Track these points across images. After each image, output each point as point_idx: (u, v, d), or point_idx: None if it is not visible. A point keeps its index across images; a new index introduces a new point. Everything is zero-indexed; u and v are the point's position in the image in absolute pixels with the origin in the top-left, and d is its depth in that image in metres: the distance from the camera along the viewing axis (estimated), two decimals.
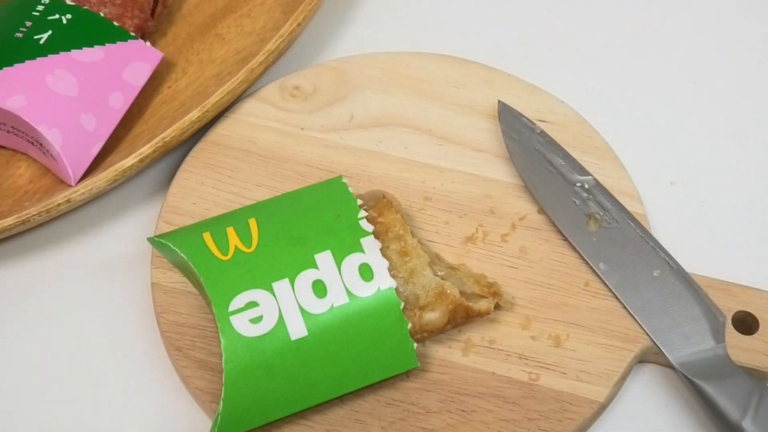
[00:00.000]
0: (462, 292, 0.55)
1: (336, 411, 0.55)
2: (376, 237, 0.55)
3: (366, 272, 0.53)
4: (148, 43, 0.64)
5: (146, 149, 0.60)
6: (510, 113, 0.62)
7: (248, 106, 0.64)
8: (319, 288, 0.53)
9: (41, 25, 0.62)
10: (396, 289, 0.53)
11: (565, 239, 0.59)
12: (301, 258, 0.54)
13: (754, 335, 0.56)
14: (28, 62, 0.61)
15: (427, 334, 0.55)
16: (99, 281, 0.60)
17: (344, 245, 0.54)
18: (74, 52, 0.62)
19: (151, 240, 0.56)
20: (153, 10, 0.66)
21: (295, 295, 0.53)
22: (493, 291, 0.56)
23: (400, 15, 0.71)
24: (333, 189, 0.57)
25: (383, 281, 0.53)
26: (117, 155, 0.62)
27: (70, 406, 0.57)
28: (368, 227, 0.55)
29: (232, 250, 0.54)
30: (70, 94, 0.61)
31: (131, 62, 0.63)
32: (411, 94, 0.65)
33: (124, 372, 0.57)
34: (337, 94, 0.65)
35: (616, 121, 0.65)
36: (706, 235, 0.62)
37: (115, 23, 0.63)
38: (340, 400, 0.54)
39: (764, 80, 0.68)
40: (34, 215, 0.58)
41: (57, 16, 0.63)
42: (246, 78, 0.62)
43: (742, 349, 0.56)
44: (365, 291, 0.53)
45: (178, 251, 0.54)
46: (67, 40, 0.62)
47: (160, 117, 0.64)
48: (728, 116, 0.67)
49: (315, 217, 0.55)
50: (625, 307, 0.57)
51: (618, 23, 0.71)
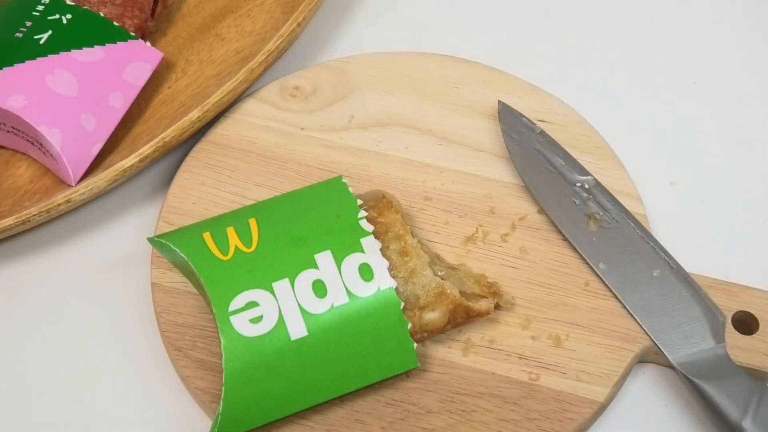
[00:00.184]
0: (462, 292, 0.55)
1: (336, 411, 0.55)
2: (376, 237, 0.55)
3: (366, 272, 0.53)
4: (148, 43, 0.64)
5: (146, 149, 0.60)
6: (510, 113, 0.62)
7: (248, 106, 0.64)
8: (319, 288, 0.53)
9: (41, 25, 0.62)
10: (396, 289, 0.53)
11: (565, 239, 0.59)
12: (301, 258, 0.54)
13: (754, 335, 0.56)
14: (28, 62, 0.61)
15: (427, 334, 0.55)
16: (99, 281, 0.60)
17: (344, 245, 0.54)
18: (74, 52, 0.62)
19: (151, 240, 0.56)
20: (153, 10, 0.66)
21: (295, 295, 0.53)
22: (493, 291, 0.56)
23: (400, 15, 0.71)
24: (333, 189, 0.57)
25: (383, 281, 0.53)
26: (117, 155, 0.62)
27: (70, 406, 0.57)
28: (368, 227, 0.55)
29: (232, 250, 0.54)
30: (70, 94, 0.61)
31: (131, 62, 0.63)
32: (411, 94, 0.65)
33: (124, 372, 0.57)
34: (337, 94, 0.65)
35: (616, 121, 0.65)
36: (706, 235, 0.62)
37: (115, 23, 0.63)
38: (340, 400, 0.54)
39: (764, 80, 0.68)
40: (34, 215, 0.58)
41: (57, 16, 0.63)
42: (246, 78, 0.62)
43: (742, 349, 0.56)
44: (365, 291, 0.53)
45: (178, 251, 0.54)
46: (67, 40, 0.62)
47: (160, 117, 0.64)
48: (728, 116, 0.67)
49: (315, 217, 0.55)
50: (625, 307, 0.57)
51: (618, 23, 0.71)
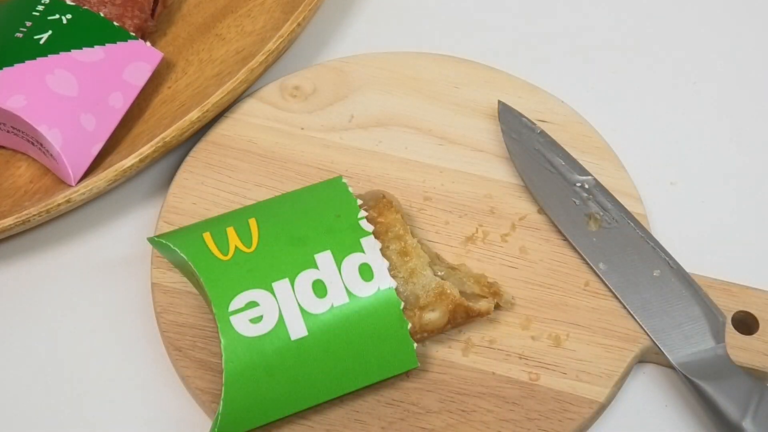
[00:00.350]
0: (462, 292, 0.55)
1: (336, 411, 0.54)
2: (376, 237, 0.55)
3: (366, 272, 0.53)
4: (148, 43, 0.64)
5: (146, 149, 0.60)
6: (510, 113, 0.62)
7: (248, 106, 0.64)
8: (319, 288, 0.53)
9: (41, 25, 0.62)
10: (396, 289, 0.53)
11: (565, 239, 0.59)
12: (301, 258, 0.54)
13: (754, 335, 0.56)
14: (28, 62, 0.61)
15: (427, 334, 0.55)
16: (99, 281, 0.60)
17: (344, 245, 0.54)
18: (74, 52, 0.62)
19: (151, 240, 0.56)
20: (153, 10, 0.66)
21: (295, 295, 0.53)
22: (493, 291, 0.56)
23: (400, 15, 0.71)
24: (333, 189, 0.57)
25: (383, 281, 0.53)
26: (117, 155, 0.62)
27: (70, 406, 0.57)
28: (368, 227, 0.55)
29: (232, 250, 0.54)
30: (70, 94, 0.61)
31: (131, 62, 0.63)
32: (411, 94, 0.65)
33: (124, 372, 0.57)
34: (337, 94, 0.65)
35: (616, 121, 0.65)
36: (706, 235, 0.62)
37: (115, 23, 0.63)
38: (340, 400, 0.54)
39: (764, 80, 0.68)
40: (34, 215, 0.58)
41: (57, 16, 0.62)
42: (246, 78, 0.62)
43: (742, 349, 0.56)
44: (365, 291, 0.53)
45: (178, 251, 0.54)
46: (67, 40, 0.62)
47: (160, 117, 0.64)
48: (728, 116, 0.67)
49: (315, 217, 0.55)
50: (625, 307, 0.57)
51: (618, 23, 0.71)
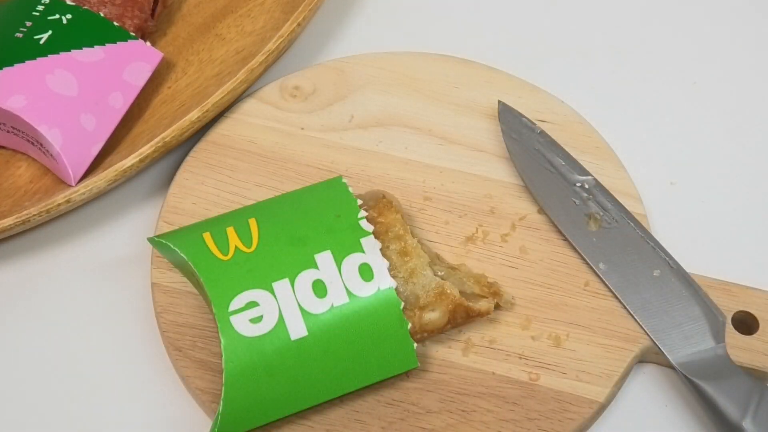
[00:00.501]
0: (462, 292, 0.55)
1: (336, 411, 0.54)
2: (376, 237, 0.55)
3: (366, 272, 0.53)
4: (148, 43, 0.64)
5: (146, 149, 0.60)
6: (510, 113, 0.62)
7: (248, 106, 0.64)
8: (319, 288, 0.53)
9: (41, 25, 0.62)
10: (396, 289, 0.53)
11: (565, 239, 0.59)
12: (301, 258, 0.54)
13: (754, 335, 0.56)
14: (28, 62, 0.61)
15: (427, 334, 0.55)
16: (99, 281, 0.60)
17: (344, 245, 0.54)
18: (74, 52, 0.62)
19: (151, 240, 0.56)
20: (153, 10, 0.66)
21: (295, 295, 0.53)
22: (493, 291, 0.56)
23: (400, 15, 0.71)
24: (333, 189, 0.57)
25: (383, 281, 0.53)
26: (117, 155, 0.62)
27: (70, 406, 0.57)
28: (368, 227, 0.55)
29: (232, 250, 0.54)
30: (70, 94, 0.61)
31: (131, 62, 0.63)
32: (411, 94, 0.65)
33: (124, 372, 0.57)
34: (337, 94, 0.65)
35: (616, 121, 0.65)
36: (706, 235, 0.62)
37: (115, 23, 0.63)
38: (340, 400, 0.54)
39: (764, 80, 0.68)
40: (34, 215, 0.58)
41: (57, 16, 0.62)
42: (246, 78, 0.62)
43: (742, 349, 0.56)
44: (365, 291, 0.53)
45: (178, 251, 0.54)
46: (67, 40, 0.62)
47: (160, 117, 0.64)
48: (728, 116, 0.67)
49: (315, 217, 0.55)
50: (625, 307, 0.57)
51: (618, 23, 0.71)
